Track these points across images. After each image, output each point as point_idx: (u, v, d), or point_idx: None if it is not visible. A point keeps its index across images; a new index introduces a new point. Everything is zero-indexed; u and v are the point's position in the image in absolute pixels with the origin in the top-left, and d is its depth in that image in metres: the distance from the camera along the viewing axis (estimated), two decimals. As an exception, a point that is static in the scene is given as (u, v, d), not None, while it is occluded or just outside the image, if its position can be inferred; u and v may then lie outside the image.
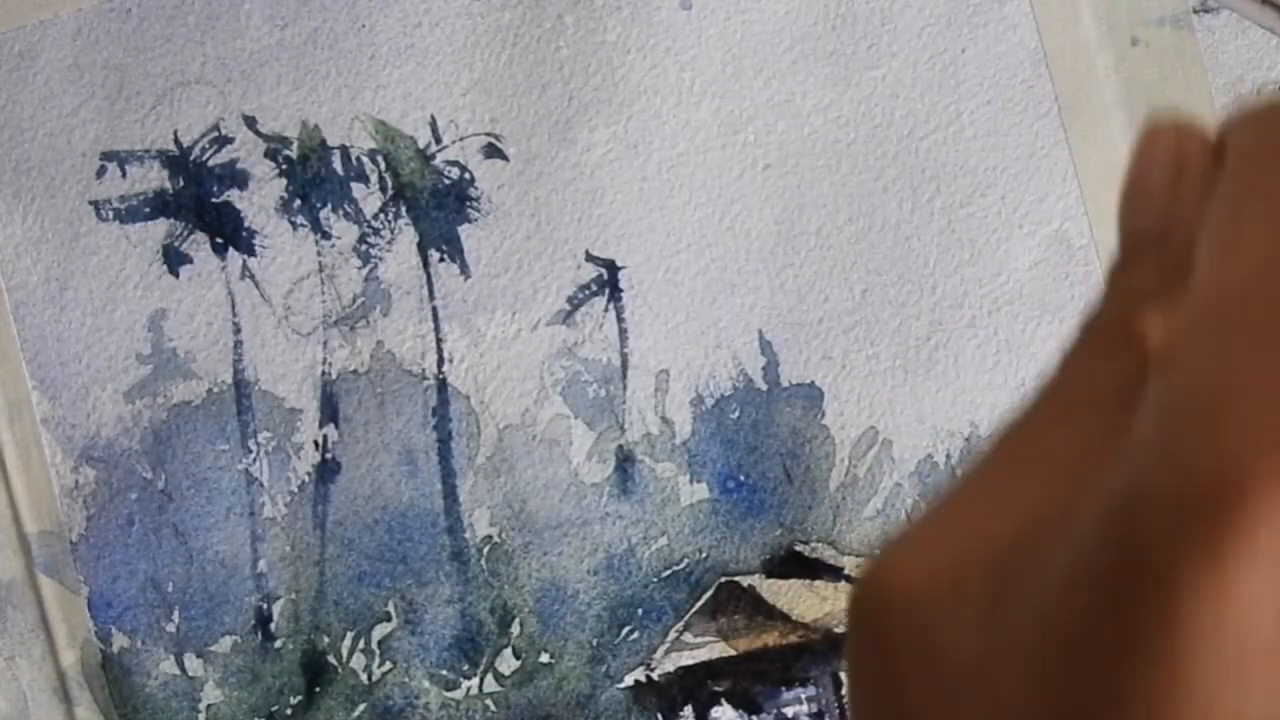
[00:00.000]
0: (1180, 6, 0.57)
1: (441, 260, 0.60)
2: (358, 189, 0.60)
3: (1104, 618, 0.19)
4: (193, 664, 0.61)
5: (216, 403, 0.61)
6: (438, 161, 0.60)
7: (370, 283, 0.60)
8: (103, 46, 0.61)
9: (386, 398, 0.60)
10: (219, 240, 0.61)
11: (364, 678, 0.60)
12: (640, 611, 0.59)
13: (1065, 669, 0.19)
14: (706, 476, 0.59)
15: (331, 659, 0.61)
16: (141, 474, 0.61)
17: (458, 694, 0.60)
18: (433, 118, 0.60)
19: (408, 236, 0.60)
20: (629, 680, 0.59)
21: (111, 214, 0.61)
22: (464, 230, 0.60)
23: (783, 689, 0.58)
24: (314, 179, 0.60)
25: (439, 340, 0.60)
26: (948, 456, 0.58)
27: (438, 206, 0.60)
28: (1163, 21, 0.57)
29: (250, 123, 0.61)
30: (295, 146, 0.60)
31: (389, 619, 0.60)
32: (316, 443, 0.60)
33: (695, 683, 0.59)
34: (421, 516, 0.60)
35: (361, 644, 0.60)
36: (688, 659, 0.59)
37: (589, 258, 0.59)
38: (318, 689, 0.61)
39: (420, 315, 0.60)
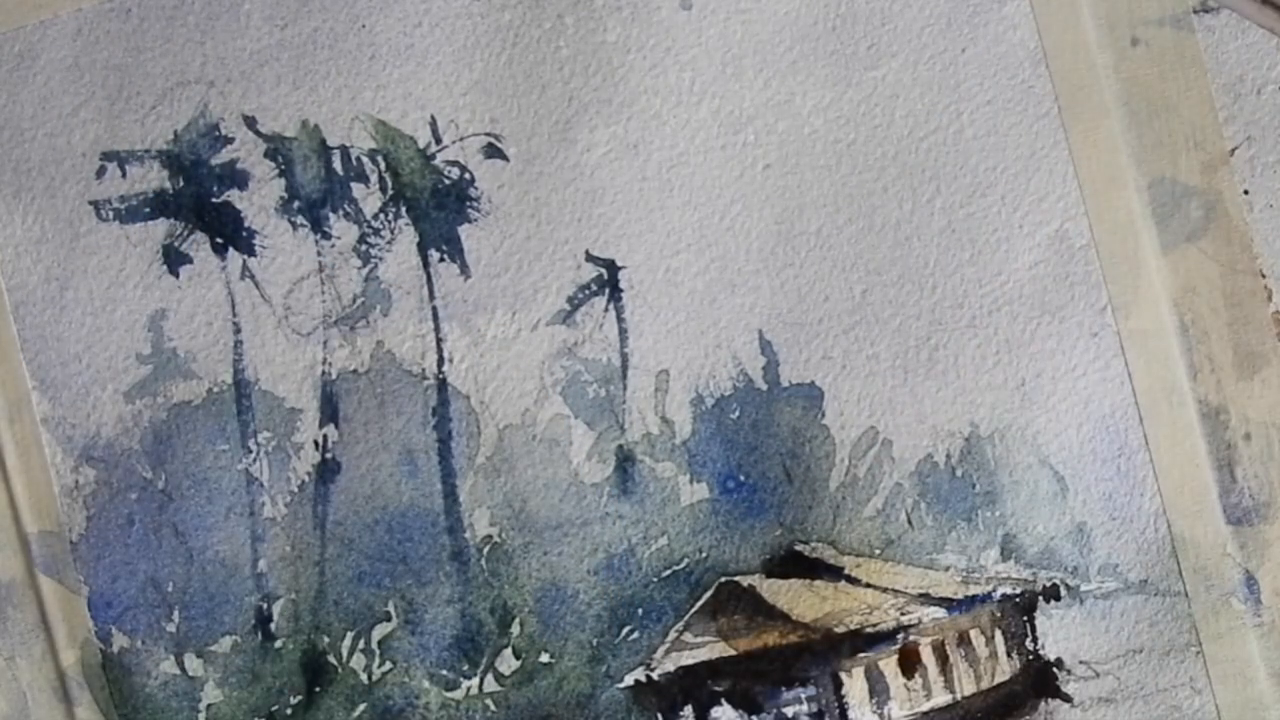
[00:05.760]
0: (1180, 6, 0.57)
1: (441, 260, 0.60)
2: (358, 189, 0.60)
3: None
4: (193, 664, 0.61)
5: (216, 403, 0.61)
6: (438, 161, 0.60)
7: (370, 283, 0.60)
8: (103, 46, 0.61)
9: (386, 398, 0.60)
10: (219, 240, 0.61)
11: (364, 678, 0.60)
12: (640, 611, 0.59)
13: None
14: (706, 476, 0.59)
15: (331, 659, 0.61)
16: (141, 474, 0.61)
17: (458, 694, 0.60)
18: (433, 118, 0.60)
19: (408, 236, 0.60)
20: (629, 680, 0.59)
21: (111, 214, 0.61)
22: (464, 230, 0.60)
23: (783, 689, 0.58)
24: (314, 179, 0.60)
25: (439, 340, 0.60)
26: (948, 456, 0.58)
27: (438, 206, 0.60)
28: (1163, 21, 0.57)
29: (250, 123, 0.61)
30: (295, 146, 0.60)
31: (389, 619, 0.60)
32: (316, 443, 0.60)
33: (695, 683, 0.59)
34: (421, 516, 0.60)
35: (361, 644, 0.60)
36: (688, 659, 0.59)
37: (589, 258, 0.59)
38: (318, 689, 0.61)
39: (420, 315, 0.60)
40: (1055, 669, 0.58)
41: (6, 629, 0.62)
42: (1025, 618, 0.58)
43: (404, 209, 0.60)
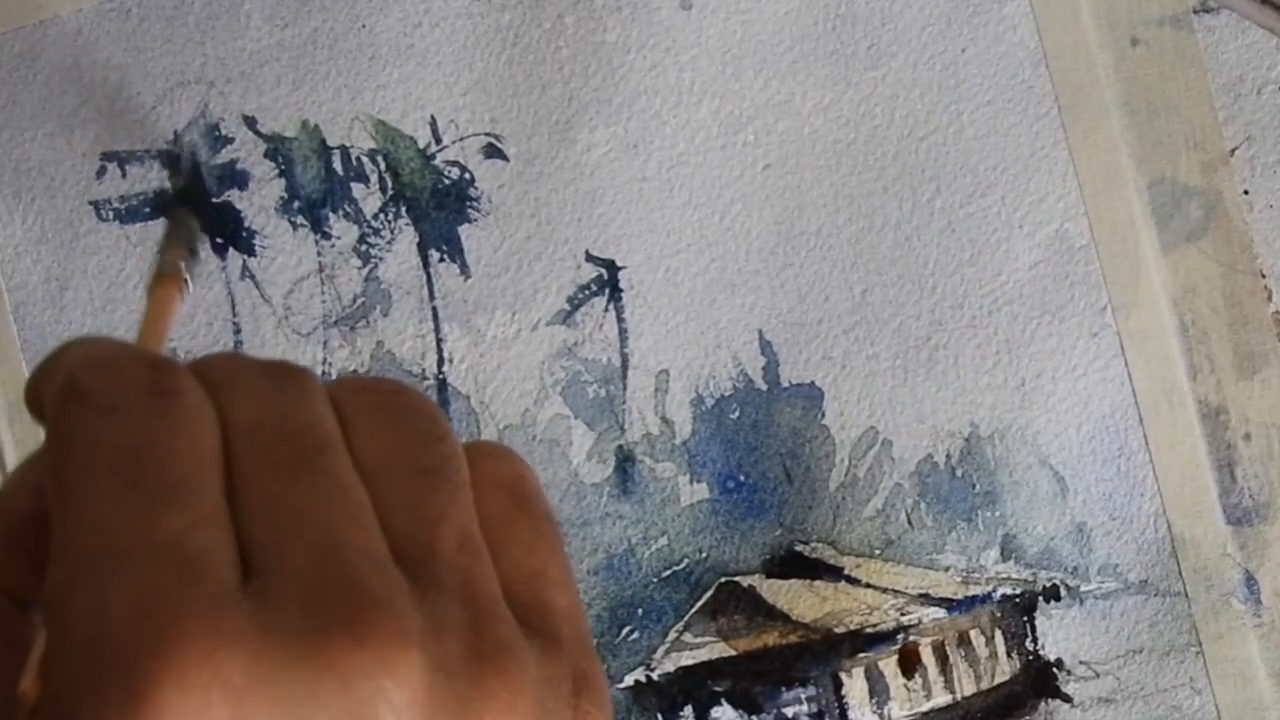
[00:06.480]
0: (1180, 6, 0.57)
1: (441, 260, 0.60)
2: (358, 189, 0.60)
3: None
4: (193, 664, 0.61)
5: (216, 403, 0.61)
6: (438, 161, 0.60)
7: (370, 283, 0.60)
8: (103, 46, 0.61)
9: (386, 398, 0.60)
10: (219, 240, 0.61)
11: (364, 678, 0.60)
12: (640, 611, 0.59)
13: None
14: (706, 476, 0.59)
15: (331, 659, 0.60)
16: (141, 474, 0.61)
17: (458, 694, 0.60)
18: (433, 118, 0.60)
19: (408, 236, 0.60)
20: (629, 680, 0.59)
21: (111, 214, 0.61)
22: (464, 230, 0.60)
23: (783, 689, 0.58)
24: (314, 179, 0.60)
25: (439, 340, 0.60)
26: (948, 456, 0.58)
27: (438, 206, 0.60)
28: (1163, 21, 0.57)
29: (250, 123, 0.61)
30: (295, 146, 0.60)
31: (389, 619, 0.60)
32: (316, 443, 0.60)
33: (695, 683, 0.59)
34: (421, 516, 0.60)
35: (361, 644, 0.60)
36: (688, 659, 0.59)
37: (589, 258, 0.59)
38: (318, 689, 0.61)
39: (420, 315, 0.60)
40: (1055, 669, 0.58)
41: (6, 629, 0.62)
42: (1025, 618, 0.58)
43: (404, 209, 0.60)
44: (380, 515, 0.26)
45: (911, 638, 0.58)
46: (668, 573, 0.59)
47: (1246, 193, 0.57)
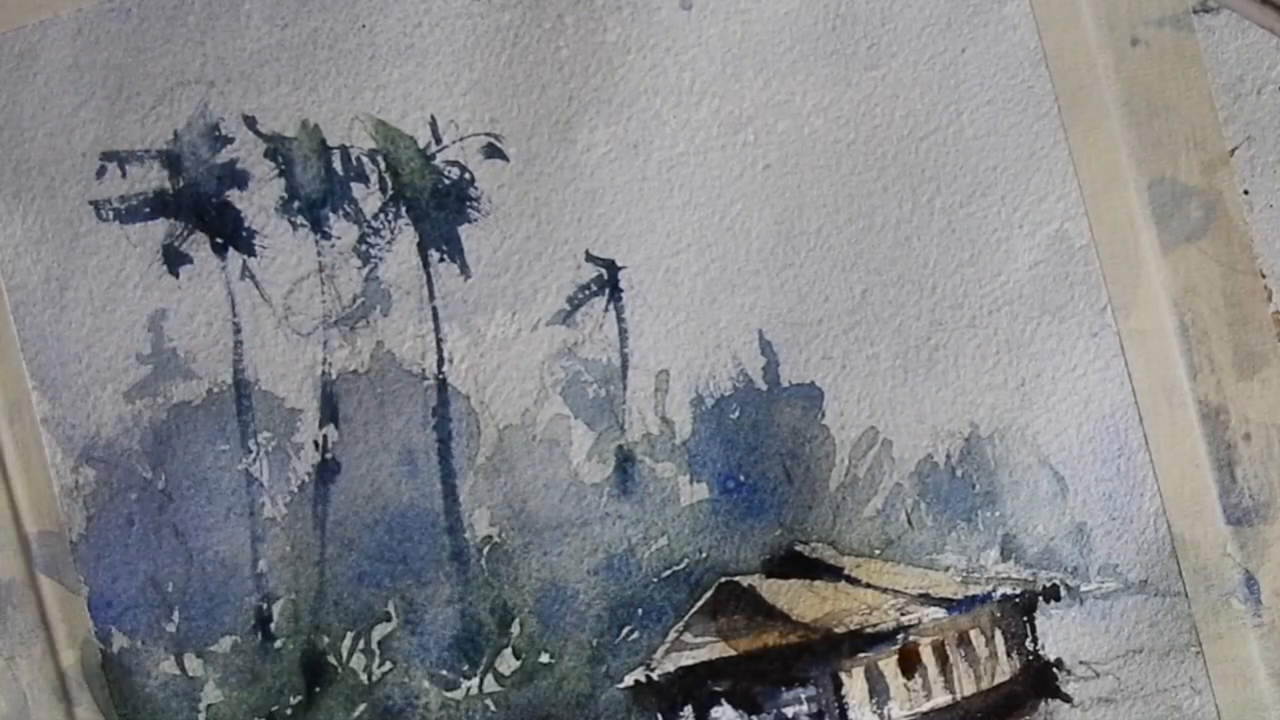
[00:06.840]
0: (1180, 6, 0.57)
1: (441, 260, 0.60)
2: (358, 189, 0.60)
3: None
4: (193, 664, 0.61)
5: (216, 403, 0.61)
6: (438, 161, 0.60)
7: (370, 283, 0.60)
8: (103, 46, 0.61)
9: (386, 398, 0.60)
10: (219, 240, 0.61)
11: (364, 678, 0.60)
12: (640, 611, 0.59)
13: None
14: (706, 476, 0.59)
15: (331, 659, 0.61)
16: (141, 474, 0.61)
17: (458, 694, 0.60)
18: (433, 118, 0.60)
19: (408, 236, 0.60)
20: (629, 680, 0.59)
21: (111, 214, 0.61)
22: (464, 230, 0.60)
23: (783, 689, 0.58)
24: (314, 179, 0.60)
25: (439, 340, 0.60)
26: (948, 456, 0.58)
27: (438, 206, 0.60)
28: (1163, 21, 0.57)
29: (250, 123, 0.61)
30: (295, 146, 0.60)
31: (389, 619, 0.60)
32: (316, 443, 0.60)
33: (695, 683, 0.59)
34: (421, 516, 0.60)
35: (361, 644, 0.60)
36: (688, 659, 0.59)
37: (589, 258, 0.59)
38: (318, 689, 0.61)
39: (420, 315, 0.60)
40: (1055, 669, 0.58)
41: (6, 629, 0.62)
42: (1025, 618, 0.58)
43: (404, 209, 0.60)
44: None
45: (911, 638, 0.58)
46: (668, 573, 0.59)
47: (1246, 193, 0.57)
